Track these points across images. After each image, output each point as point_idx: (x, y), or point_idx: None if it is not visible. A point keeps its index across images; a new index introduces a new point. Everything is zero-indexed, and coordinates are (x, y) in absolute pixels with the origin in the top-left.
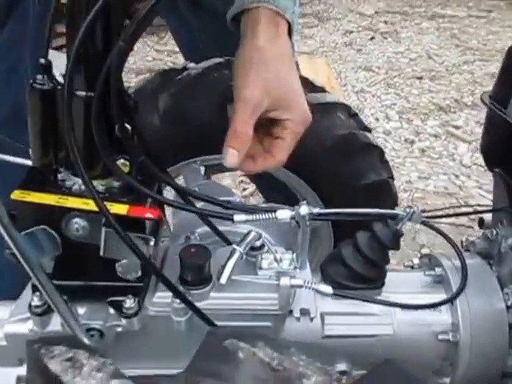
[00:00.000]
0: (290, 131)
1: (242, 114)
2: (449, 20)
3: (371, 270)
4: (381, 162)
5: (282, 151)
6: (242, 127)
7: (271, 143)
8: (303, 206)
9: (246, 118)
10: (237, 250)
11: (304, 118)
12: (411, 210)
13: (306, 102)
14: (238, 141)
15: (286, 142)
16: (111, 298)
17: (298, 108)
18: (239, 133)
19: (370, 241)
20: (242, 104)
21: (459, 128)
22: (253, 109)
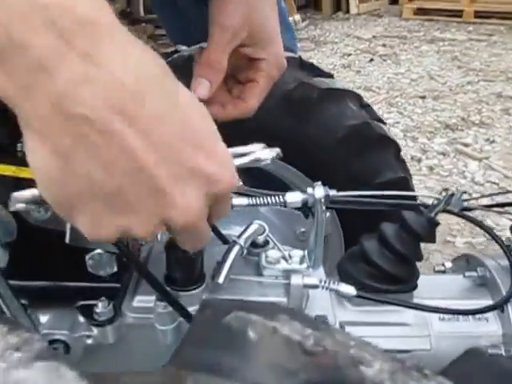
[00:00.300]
0: (265, 74)
1: (218, 41)
2: (449, 43)
3: (401, 268)
4: (397, 159)
5: (254, 96)
6: (217, 55)
7: (242, 89)
8: (318, 186)
9: (222, 46)
10: (236, 244)
11: (279, 62)
12: (448, 192)
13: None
14: (212, 71)
15: (259, 85)
16: (80, 302)
17: (274, 49)
18: (214, 61)
19: (400, 232)
20: (218, 30)
21: (468, 146)
22: (231, 36)
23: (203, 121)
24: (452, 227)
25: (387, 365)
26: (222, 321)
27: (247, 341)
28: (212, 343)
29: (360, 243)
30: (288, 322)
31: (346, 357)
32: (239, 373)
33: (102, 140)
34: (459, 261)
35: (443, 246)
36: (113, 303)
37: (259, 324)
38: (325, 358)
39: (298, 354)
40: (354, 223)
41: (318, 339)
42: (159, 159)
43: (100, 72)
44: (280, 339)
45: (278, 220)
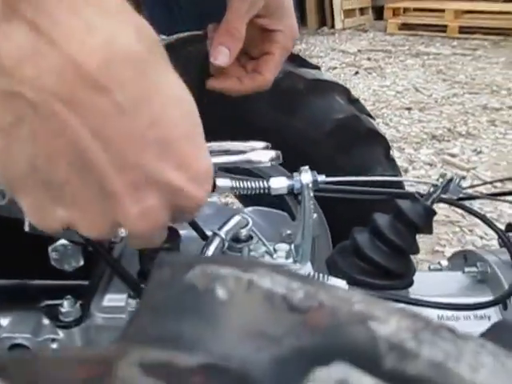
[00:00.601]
0: (280, 46)
1: (237, 9)
2: (434, 57)
3: (396, 261)
4: (387, 157)
5: (270, 68)
6: (236, 23)
7: (257, 63)
8: (305, 171)
9: (241, 14)
10: (217, 236)
11: (294, 34)
12: (446, 177)
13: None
14: (231, 39)
15: (274, 57)
16: (44, 301)
17: (289, 20)
18: (233, 29)
19: (394, 222)
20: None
21: (455, 156)
22: (249, 4)
23: (184, 121)
24: (441, 237)
25: (407, 322)
26: (184, 279)
27: (215, 301)
28: (171, 309)
29: (351, 236)
30: (269, 274)
31: (350, 313)
32: (204, 343)
33: (45, 126)
34: (456, 258)
35: (432, 255)
36: (80, 302)
37: (231, 278)
38: (319, 314)
39: (282, 313)
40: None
41: (310, 292)
42: (113, 160)
43: (50, 50)
44: (258, 295)
45: (263, 221)
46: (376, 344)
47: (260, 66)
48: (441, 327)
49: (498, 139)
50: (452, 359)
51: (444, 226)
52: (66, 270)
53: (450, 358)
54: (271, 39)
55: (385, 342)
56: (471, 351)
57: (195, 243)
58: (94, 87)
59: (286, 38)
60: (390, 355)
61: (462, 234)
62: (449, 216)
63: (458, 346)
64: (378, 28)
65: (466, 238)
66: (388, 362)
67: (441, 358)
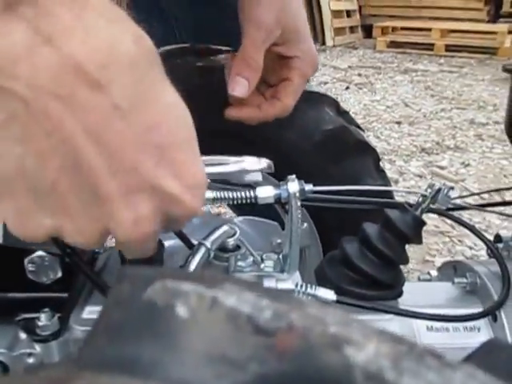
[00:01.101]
0: (298, 72)
1: (253, 38)
2: (422, 74)
3: (385, 272)
4: (376, 168)
5: (289, 94)
6: (254, 53)
7: (276, 89)
8: (292, 180)
9: (257, 43)
10: (202, 246)
11: (313, 59)
12: (435, 187)
13: None
14: (249, 69)
15: (293, 83)
16: (21, 314)
17: (306, 45)
18: (250, 59)
19: (383, 232)
20: (253, 28)
21: (444, 168)
22: (266, 34)
23: (179, 128)
24: (431, 247)
25: (387, 347)
26: (143, 296)
27: (175, 320)
28: (129, 328)
29: (340, 245)
30: (235, 292)
31: (323, 336)
32: (161, 368)
33: (38, 125)
34: (446, 269)
35: (422, 265)
36: (58, 315)
37: (193, 295)
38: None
39: (246, 335)
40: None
41: (279, 312)
42: (108, 164)
43: (49, 49)
44: (221, 314)
45: (253, 231)
46: (351, 373)
47: (279, 92)
48: (425, 353)
49: (485, 153)
50: None
51: (434, 236)
52: (44, 282)
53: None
54: (289, 66)
55: (361, 370)
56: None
57: (180, 253)
58: (93, 86)
59: (304, 64)
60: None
61: (451, 244)
62: (438, 226)
63: (445, 377)
64: (368, 46)
65: (455, 248)
66: None
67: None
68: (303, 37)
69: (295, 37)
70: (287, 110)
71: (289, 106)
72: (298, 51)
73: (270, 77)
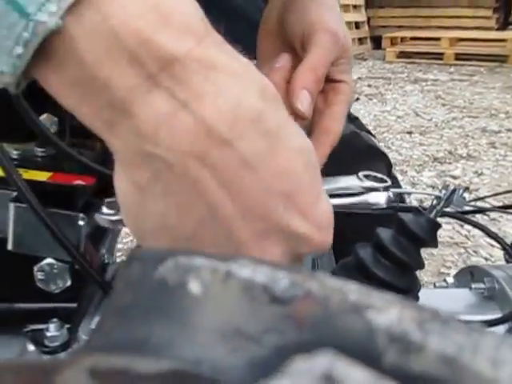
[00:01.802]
0: (344, 98)
1: (328, 48)
2: (432, 83)
3: (400, 277)
4: (388, 175)
5: (338, 121)
6: (323, 65)
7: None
8: None
9: (331, 54)
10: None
11: (353, 87)
12: (449, 188)
13: None
14: (316, 83)
15: (340, 109)
16: (29, 325)
17: (350, 72)
18: (319, 71)
19: (397, 236)
20: (329, 35)
21: (457, 178)
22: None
23: (306, 171)
24: (446, 258)
25: (411, 311)
26: (154, 274)
27: (187, 297)
28: (139, 309)
29: (354, 252)
30: (250, 264)
31: (343, 302)
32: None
33: (179, 183)
34: (462, 275)
35: (438, 277)
36: (67, 326)
37: (206, 269)
38: (306, 305)
39: (262, 305)
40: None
41: (296, 281)
42: (241, 211)
43: (185, 114)
44: (236, 286)
45: None
46: (374, 336)
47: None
48: (451, 318)
49: (498, 161)
50: (467, 353)
51: (449, 247)
52: (53, 291)
53: (464, 352)
54: (336, 90)
55: (384, 333)
56: (490, 344)
57: None
58: (223, 145)
59: (349, 91)
60: (390, 349)
61: (466, 255)
62: (453, 237)
63: (474, 339)
64: (377, 57)
65: (471, 259)
66: (388, 357)
67: (453, 352)
68: (351, 63)
69: (347, 61)
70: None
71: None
72: (346, 76)
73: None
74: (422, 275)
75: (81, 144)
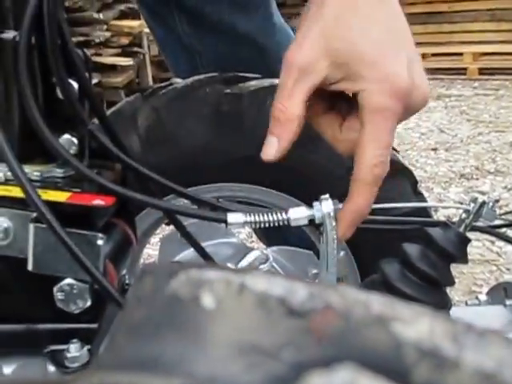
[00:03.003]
0: (369, 108)
1: (281, 80)
2: (456, 99)
3: (430, 294)
4: (414, 191)
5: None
6: (282, 100)
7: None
8: (325, 199)
9: (287, 86)
10: None
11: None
12: (478, 201)
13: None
14: (278, 123)
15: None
16: (50, 346)
17: (378, 69)
18: (277, 110)
19: (426, 251)
20: (284, 68)
21: (486, 193)
22: (299, 74)
23: None
24: (477, 276)
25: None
26: (166, 289)
27: (200, 311)
28: (151, 325)
29: (379, 268)
30: (265, 276)
31: (366, 314)
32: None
33: None
34: (496, 291)
35: (469, 296)
36: (88, 347)
37: (219, 282)
38: (326, 317)
39: (279, 319)
40: (370, 260)
41: (314, 293)
42: None
43: None
44: (250, 299)
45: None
46: (401, 350)
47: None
48: (488, 331)
49: None
50: (508, 369)
51: (480, 265)
52: (73, 311)
53: (504, 368)
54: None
55: (413, 347)
56: None
57: None
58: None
59: (376, 96)
60: (421, 364)
61: (499, 272)
62: (484, 255)
63: None
64: None
65: (503, 277)
66: (418, 373)
67: (492, 368)
68: (372, 60)
69: (357, 64)
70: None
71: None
72: (364, 82)
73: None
74: (452, 294)
75: (100, 165)
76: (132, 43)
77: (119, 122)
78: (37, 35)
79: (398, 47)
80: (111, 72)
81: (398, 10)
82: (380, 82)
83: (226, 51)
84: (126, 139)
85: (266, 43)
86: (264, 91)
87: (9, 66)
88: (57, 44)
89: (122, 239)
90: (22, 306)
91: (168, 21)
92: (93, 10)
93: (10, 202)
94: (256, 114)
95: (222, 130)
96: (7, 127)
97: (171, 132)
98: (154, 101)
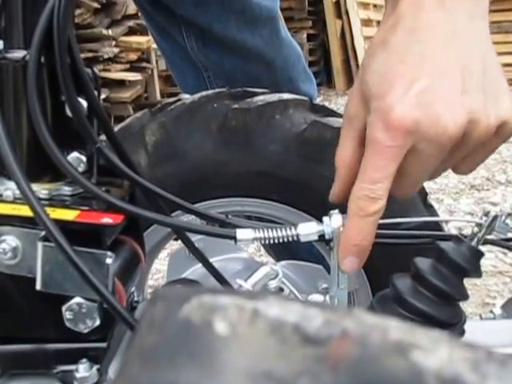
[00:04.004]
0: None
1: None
2: None
3: (443, 309)
4: (424, 203)
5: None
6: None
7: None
8: (335, 214)
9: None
10: (243, 288)
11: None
12: (491, 214)
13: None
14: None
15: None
16: (59, 367)
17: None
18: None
19: (438, 266)
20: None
21: (497, 205)
22: (347, 122)
23: None
24: (490, 288)
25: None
26: (178, 314)
27: (213, 338)
28: (164, 352)
29: (391, 283)
30: (278, 302)
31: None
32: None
33: None
34: (510, 305)
35: (483, 309)
36: (97, 367)
37: (232, 308)
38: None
39: (294, 346)
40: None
41: (330, 319)
42: None
43: None
44: (264, 326)
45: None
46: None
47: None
48: (508, 359)
49: None
50: None
51: (493, 276)
52: (82, 330)
53: None
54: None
55: (434, 376)
56: None
57: None
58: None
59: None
60: None
61: None
62: (497, 266)
63: None
64: None
65: None
66: None
67: None
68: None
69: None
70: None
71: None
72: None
73: None
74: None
75: (108, 182)
76: (140, 58)
77: (127, 138)
78: (46, 53)
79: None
80: (120, 87)
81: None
82: (375, 114)
83: (233, 66)
84: (134, 155)
85: (273, 58)
86: (271, 106)
87: (18, 84)
88: (66, 62)
89: (131, 256)
90: (31, 326)
91: (176, 37)
92: (102, 26)
93: (18, 220)
94: (263, 129)
95: (229, 145)
96: (16, 145)
97: (179, 147)
98: (162, 116)
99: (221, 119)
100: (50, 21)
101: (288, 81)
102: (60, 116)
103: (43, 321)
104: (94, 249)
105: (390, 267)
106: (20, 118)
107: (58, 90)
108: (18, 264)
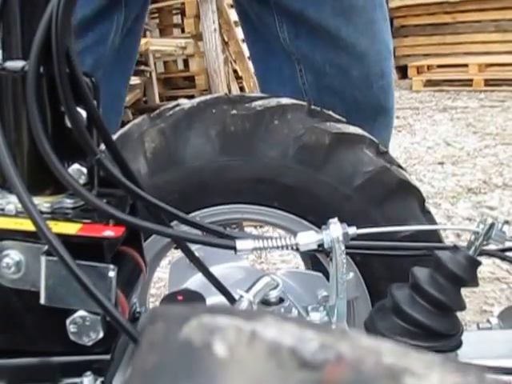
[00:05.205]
0: None
1: None
2: (462, 111)
3: (441, 319)
4: (422, 209)
5: None
6: None
7: None
8: (334, 223)
9: None
10: (244, 298)
11: None
12: (487, 223)
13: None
14: None
15: None
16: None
17: None
18: None
19: (435, 275)
20: None
21: (494, 209)
22: None
23: None
24: (487, 295)
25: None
26: (178, 335)
27: (212, 359)
28: (164, 372)
29: (389, 293)
30: (276, 323)
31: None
32: None
33: None
34: (507, 314)
35: (480, 316)
36: (101, 379)
37: (231, 330)
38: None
39: (291, 370)
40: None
41: (326, 343)
42: None
43: None
44: (262, 349)
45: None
46: None
47: None
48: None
49: None
50: None
51: (490, 283)
52: (86, 343)
53: None
54: None
55: None
56: None
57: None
58: None
59: None
60: None
61: (510, 291)
62: (494, 272)
63: None
64: (404, 87)
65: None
66: None
67: None
68: None
69: None
70: None
71: None
72: None
73: None
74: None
75: (109, 193)
76: (138, 61)
77: (126, 144)
78: (45, 64)
79: None
80: None
81: None
82: None
83: (323, 58)
84: (134, 161)
85: (365, 51)
86: (270, 111)
87: (18, 95)
88: (65, 73)
89: (132, 267)
90: (36, 340)
91: (270, 28)
92: None
93: (21, 235)
94: (262, 134)
95: (228, 150)
96: (17, 158)
97: (178, 153)
98: (161, 123)
99: (219, 125)
100: (49, 31)
101: (380, 75)
102: (60, 127)
103: (47, 334)
104: (97, 262)
105: (389, 274)
106: (20, 130)
107: (58, 101)
108: (22, 278)
